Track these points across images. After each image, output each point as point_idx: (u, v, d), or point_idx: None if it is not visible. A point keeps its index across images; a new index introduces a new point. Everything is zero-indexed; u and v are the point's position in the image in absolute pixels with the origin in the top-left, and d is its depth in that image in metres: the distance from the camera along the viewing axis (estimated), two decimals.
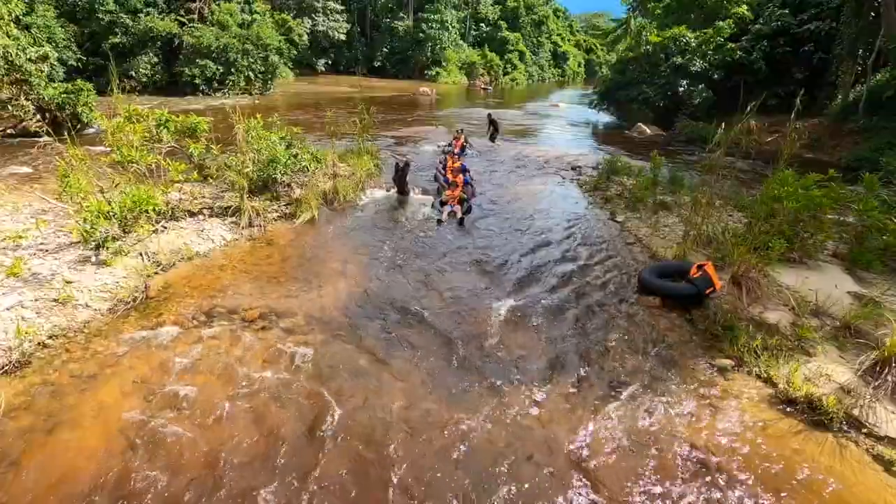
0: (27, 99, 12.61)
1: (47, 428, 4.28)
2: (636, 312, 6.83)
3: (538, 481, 4.08)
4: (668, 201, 10.94)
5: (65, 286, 5.88)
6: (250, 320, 6.10)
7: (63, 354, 5.20)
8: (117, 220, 6.70)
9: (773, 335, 5.66)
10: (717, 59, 24.29)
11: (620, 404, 4.97)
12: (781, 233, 7.10)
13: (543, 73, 71.24)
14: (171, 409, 4.57)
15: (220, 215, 8.52)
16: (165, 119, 8.57)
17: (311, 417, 4.61)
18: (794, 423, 4.70)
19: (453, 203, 10.33)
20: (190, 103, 22.46)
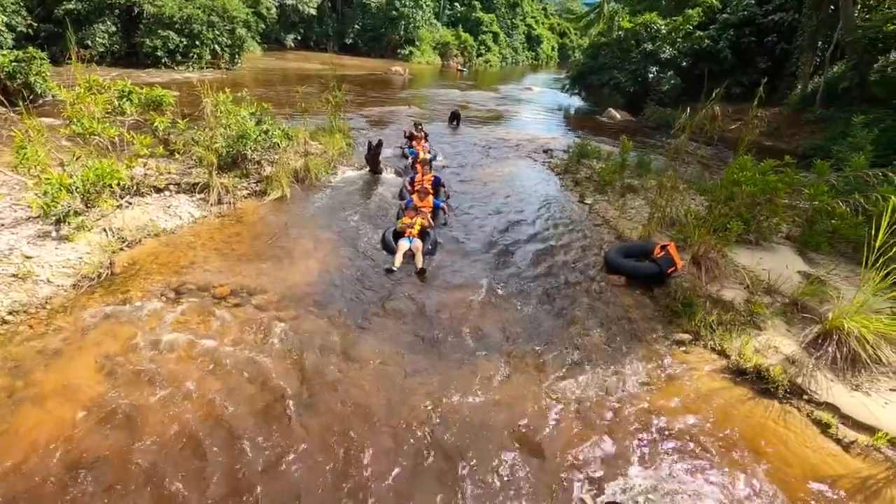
0: None
1: (10, 403, 4.21)
2: (602, 290, 7.08)
3: (503, 444, 4.28)
4: (635, 185, 11.23)
5: (24, 261, 5.70)
6: (221, 297, 6.05)
7: (25, 331, 5.08)
8: (79, 194, 6.48)
9: (727, 311, 6.01)
10: (686, 46, 24.75)
11: (583, 373, 5.21)
12: (739, 215, 7.43)
13: (517, 55, 70.98)
14: (138, 386, 4.53)
15: (187, 192, 8.32)
16: (129, 90, 8.24)
17: (283, 393, 4.64)
18: (744, 392, 5.04)
19: (411, 235, 7.69)
20: (151, 76, 21.52)
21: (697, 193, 10.31)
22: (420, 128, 13.96)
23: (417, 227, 7.79)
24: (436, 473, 3.99)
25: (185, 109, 9.30)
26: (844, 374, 5.01)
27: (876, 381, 4.96)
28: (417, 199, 8.71)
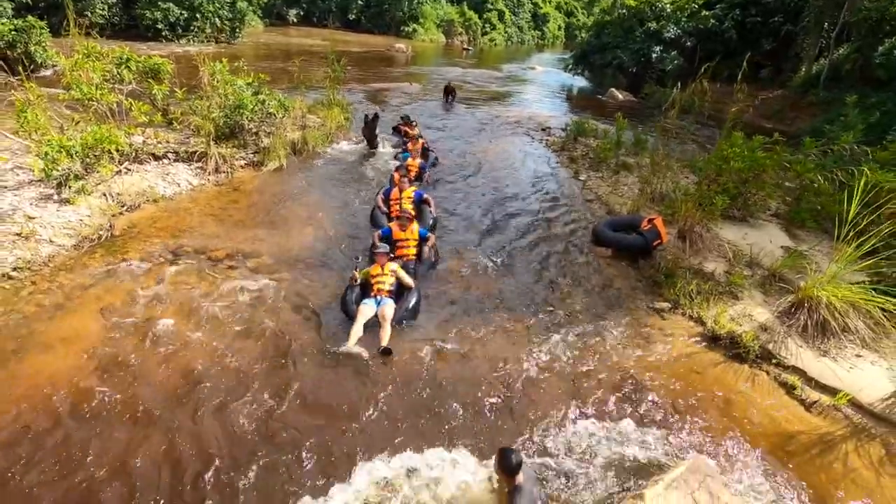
0: None
1: (15, 352, 4.44)
2: (589, 261, 7.27)
3: (490, 397, 4.52)
4: (629, 162, 11.32)
5: (27, 221, 5.90)
6: (217, 259, 6.27)
7: (29, 286, 5.31)
8: (79, 158, 6.65)
9: (707, 282, 6.21)
10: (691, 26, 24.47)
11: (566, 336, 5.44)
12: (726, 191, 7.57)
13: (523, 34, 69.90)
14: (137, 338, 4.77)
15: (185, 160, 8.48)
16: (126, 58, 8.34)
17: (277, 348, 4.87)
18: (716, 356, 5.28)
19: (380, 295, 5.44)
20: (151, 49, 21.37)
21: (690, 172, 10.42)
22: (413, 122, 12.09)
23: (390, 282, 5.56)
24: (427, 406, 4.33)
25: (185, 80, 9.38)
26: (814, 340, 5.23)
27: (843, 347, 5.18)
28: (397, 229, 6.50)
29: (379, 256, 5.70)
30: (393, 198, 7.75)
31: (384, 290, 5.49)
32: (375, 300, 5.39)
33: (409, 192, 7.77)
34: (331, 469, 3.66)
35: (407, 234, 6.49)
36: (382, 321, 5.15)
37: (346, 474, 3.59)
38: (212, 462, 3.63)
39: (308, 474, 3.61)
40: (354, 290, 5.59)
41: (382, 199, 7.87)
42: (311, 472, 3.63)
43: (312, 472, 3.63)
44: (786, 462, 4.11)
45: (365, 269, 5.72)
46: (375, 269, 5.66)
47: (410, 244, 6.48)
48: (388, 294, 5.48)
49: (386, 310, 5.21)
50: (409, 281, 5.70)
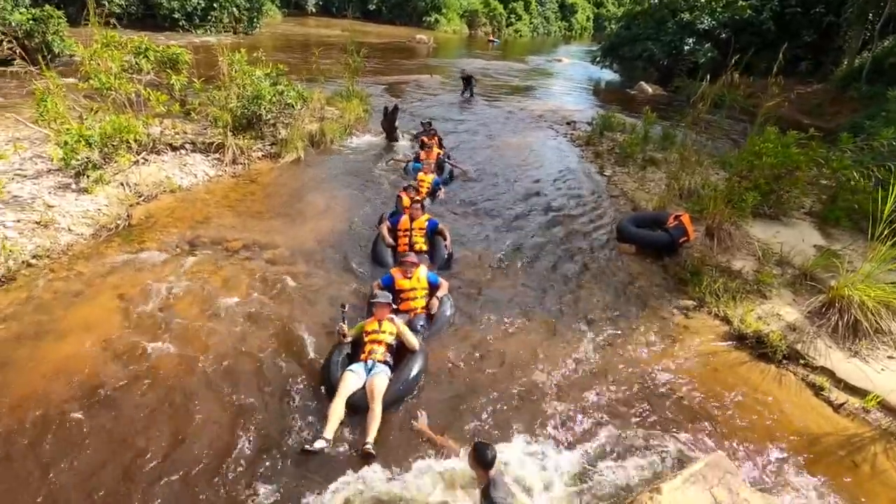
0: None
1: (34, 337, 4.49)
2: (612, 258, 7.06)
3: (514, 392, 4.42)
4: (657, 158, 10.99)
5: (46, 210, 5.97)
6: (234, 250, 6.26)
7: (48, 273, 5.36)
8: (97, 148, 6.70)
9: (734, 280, 5.95)
10: (727, 17, 23.62)
11: (588, 333, 5.28)
12: (757, 187, 7.23)
13: (549, 25, 68.85)
14: (151, 326, 4.76)
15: (203, 151, 8.51)
16: (145, 48, 8.39)
17: (290, 340, 4.81)
18: (743, 356, 5.06)
19: (373, 359, 4.28)
20: (169, 39, 21.65)
21: (721, 168, 10.04)
22: (431, 129, 10.87)
23: (386, 343, 4.38)
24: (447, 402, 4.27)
25: (203, 71, 9.42)
26: (844, 341, 4.99)
27: (875, 348, 4.95)
28: (400, 277, 5.26)
29: (378, 308, 4.46)
30: (401, 228, 6.47)
31: (379, 354, 4.29)
32: (366, 366, 4.21)
33: (421, 222, 6.46)
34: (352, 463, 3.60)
35: (413, 282, 5.24)
36: (371, 399, 3.89)
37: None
38: (219, 452, 3.58)
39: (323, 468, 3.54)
40: (343, 350, 4.39)
41: (388, 230, 6.53)
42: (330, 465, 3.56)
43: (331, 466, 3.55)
44: (812, 462, 3.94)
45: (360, 323, 4.59)
46: (371, 323, 4.46)
47: (418, 294, 5.24)
48: (384, 359, 4.29)
49: (377, 382, 3.99)
50: (413, 342, 4.44)
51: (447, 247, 6.41)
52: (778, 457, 3.94)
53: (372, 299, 4.63)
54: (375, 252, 6.37)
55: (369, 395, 3.92)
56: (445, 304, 5.31)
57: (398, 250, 6.32)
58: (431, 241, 6.50)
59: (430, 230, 6.52)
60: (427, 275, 5.36)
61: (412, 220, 6.48)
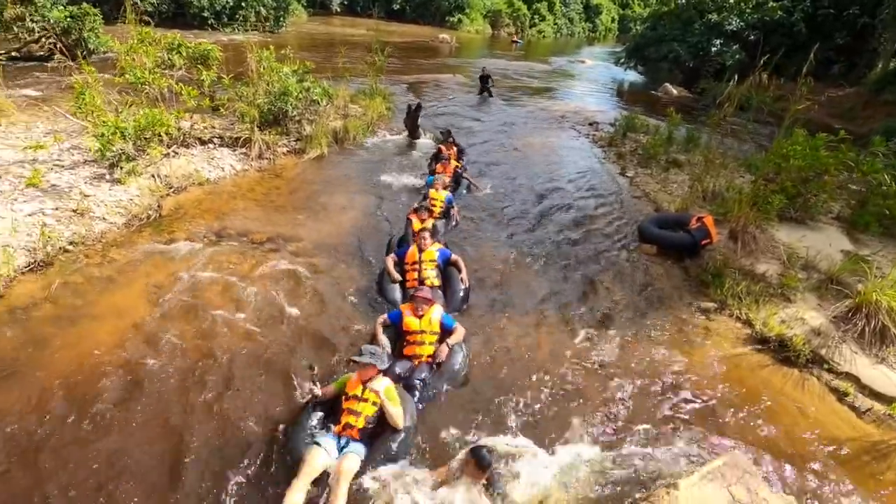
0: (32, 21, 12.23)
1: (70, 319, 4.68)
2: (633, 259, 7.02)
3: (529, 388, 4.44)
4: (681, 160, 10.87)
5: (82, 199, 6.20)
6: (258, 242, 6.41)
7: (83, 259, 5.58)
8: (131, 140, 6.94)
9: (757, 283, 5.88)
10: (756, 18, 23.16)
11: (606, 333, 5.28)
12: (784, 190, 7.12)
13: (573, 26, 68.27)
14: (179, 313, 4.92)
15: (230, 146, 8.72)
16: (178, 44, 8.65)
17: (309, 334, 4.91)
18: (765, 359, 5.01)
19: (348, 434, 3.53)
20: (198, 37, 22.15)
21: (746, 171, 9.89)
22: (450, 138, 10.05)
23: (369, 414, 3.57)
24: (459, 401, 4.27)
25: (230, 68, 9.63)
26: (871, 347, 4.90)
27: None
28: (410, 316, 4.55)
29: (361, 370, 3.64)
30: (409, 261, 5.63)
31: (355, 428, 3.50)
32: (338, 441, 3.46)
33: (431, 253, 5.64)
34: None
35: (423, 324, 4.49)
36: (335, 484, 3.17)
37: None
38: (233, 439, 3.70)
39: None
40: (315, 413, 3.68)
41: (394, 263, 5.73)
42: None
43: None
44: (834, 467, 3.89)
45: (343, 377, 3.83)
46: (354, 385, 3.65)
47: (426, 339, 4.47)
48: (361, 433, 3.51)
49: (346, 465, 3.25)
50: (397, 420, 3.54)
51: (463, 281, 5.56)
52: (798, 460, 3.89)
53: (355, 357, 3.66)
54: (381, 288, 5.60)
55: (334, 479, 3.23)
56: (457, 356, 4.44)
57: (406, 286, 5.53)
58: (445, 275, 5.65)
59: (443, 261, 5.67)
60: (441, 317, 4.57)
61: (420, 250, 5.61)
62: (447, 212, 7.29)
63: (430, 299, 4.62)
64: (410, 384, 4.08)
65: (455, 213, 7.39)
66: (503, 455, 3.52)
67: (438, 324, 4.52)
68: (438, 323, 4.52)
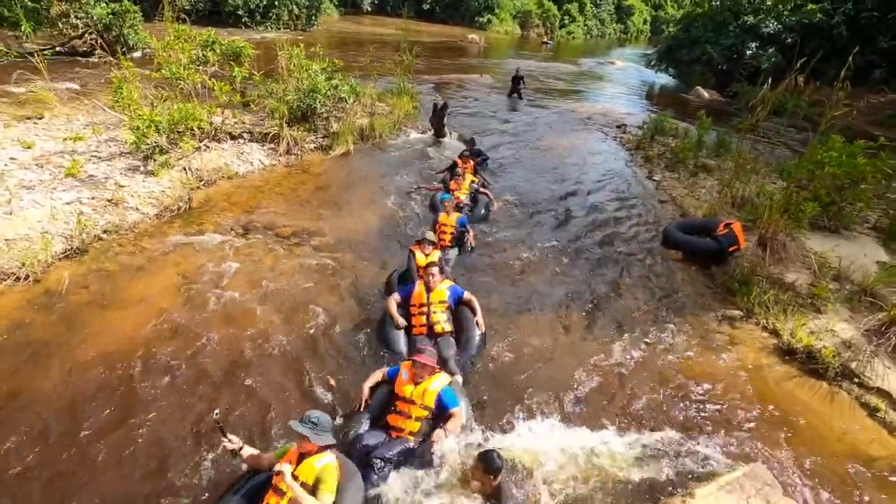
0: (76, 17, 12.71)
1: (102, 304, 4.88)
2: (656, 263, 6.92)
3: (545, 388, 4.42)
4: (710, 164, 10.64)
5: (117, 189, 6.42)
6: (284, 236, 6.55)
7: (116, 248, 5.79)
8: (164, 133, 7.15)
9: (786, 292, 5.71)
10: (794, 20, 22.47)
11: (626, 337, 5.21)
12: (817, 198, 6.91)
13: (604, 27, 67.33)
14: (205, 302, 5.07)
15: (259, 141, 8.91)
16: (212, 41, 8.88)
17: (328, 326, 5.00)
18: (791, 371, 4.86)
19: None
20: (232, 34, 22.68)
21: (778, 177, 9.63)
22: (475, 148, 9.51)
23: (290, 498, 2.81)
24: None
25: (262, 65, 9.83)
26: None
27: None
28: (407, 381, 3.78)
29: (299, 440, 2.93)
30: (416, 302, 4.81)
31: None
32: None
33: (441, 293, 4.82)
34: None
35: (416, 393, 3.67)
36: None
37: None
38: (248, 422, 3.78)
39: None
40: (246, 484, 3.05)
41: (397, 304, 4.87)
42: None
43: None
44: (862, 484, 3.75)
45: (284, 447, 3.10)
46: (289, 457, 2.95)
47: (414, 413, 3.64)
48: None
49: None
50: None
51: (479, 325, 4.76)
52: (824, 476, 3.77)
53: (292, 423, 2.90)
54: (383, 335, 4.76)
55: None
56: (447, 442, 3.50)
57: (413, 332, 4.75)
58: (457, 316, 4.88)
59: (454, 301, 4.88)
60: (441, 391, 3.68)
61: (428, 290, 4.81)
62: (460, 237, 6.50)
63: (432, 366, 3.75)
64: (370, 462, 3.30)
65: (470, 238, 6.55)
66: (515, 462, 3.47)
67: (434, 398, 3.65)
68: (435, 397, 3.66)
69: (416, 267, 5.39)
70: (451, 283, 5.01)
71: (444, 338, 4.58)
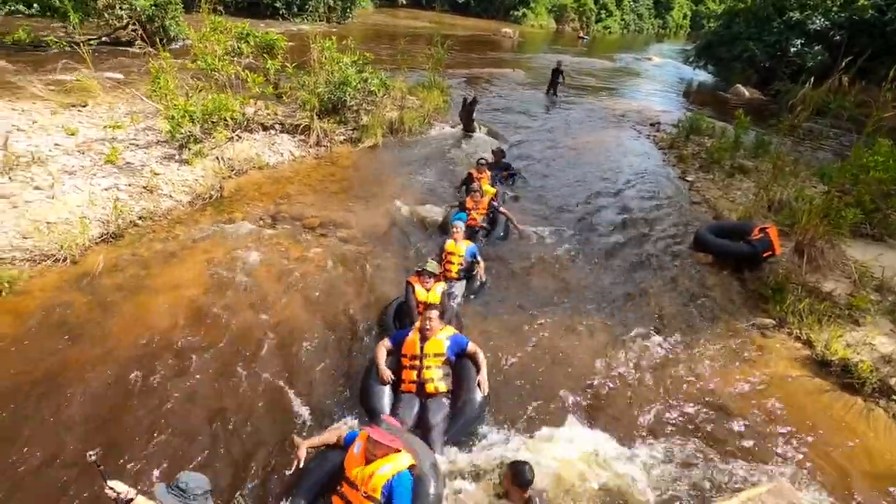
0: (121, 9, 13.12)
1: (134, 288, 5.04)
2: (685, 266, 6.76)
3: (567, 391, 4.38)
4: (747, 166, 10.29)
5: (153, 177, 6.62)
6: (311, 227, 6.65)
7: (150, 234, 5.98)
8: (198, 123, 7.33)
9: (822, 302, 5.48)
10: (843, 17, 21.45)
11: (649, 342, 5.10)
12: (860, 204, 6.61)
13: (642, 22, 65.61)
14: (233, 289, 5.19)
15: (290, 132, 9.05)
16: (246, 33, 9.04)
17: (350, 316, 5.07)
18: (824, 384, 4.67)
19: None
20: (269, 26, 22.98)
21: (819, 180, 9.24)
22: (484, 161, 7.82)
23: None
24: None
25: (295, 57, 9.95)
26: None
27: None
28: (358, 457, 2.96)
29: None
30: (407, 352, 4.02)
31: None
32: None
33: (439, 344, 4.00)
34: None
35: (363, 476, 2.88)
36: None
37: None
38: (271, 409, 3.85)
39: None
40: None
41: (387, 352, 4.08)
42: None
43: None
44: None
45: None
46: None
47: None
48: None
49: None
50: None
51: (480, 386, 3.90)
52: (855, 496, 3.61)
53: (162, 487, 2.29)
54: (365, 387, 3.95)
55: None
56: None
57: (401, 388, 3.94)
58: (456, 370, 4.04)
59: (454, 353, 4.03)
60: (393, 480, 2.84)
61: (423, 338, 4.01)
62: (469, 268, 5.62)
63: (388, 446, 2.89)
64: None
65: (480, 270, 5.60)
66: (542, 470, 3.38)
67: (382, 487, 2.83)
68: (383, 485, 2.83)
69: (416, 302, 4.69)
70: (454, 331, 4.16)
71: (436, 399, 3.82)
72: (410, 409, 3.74)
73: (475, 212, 6.72)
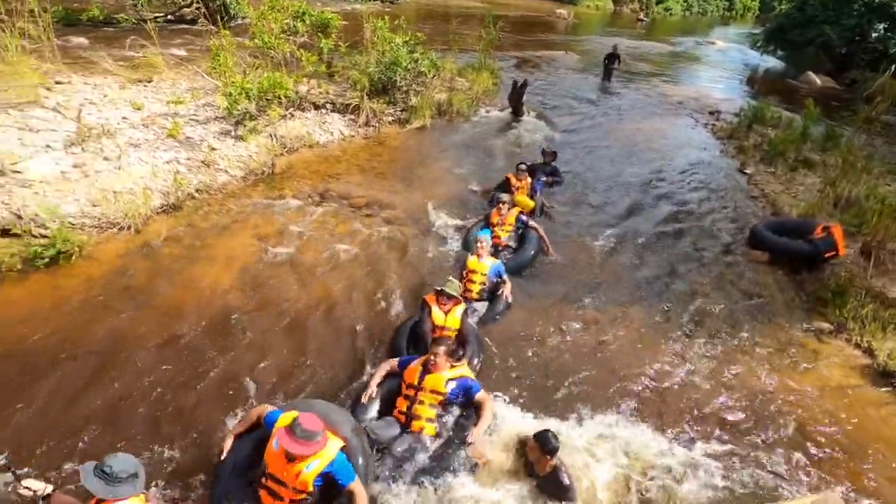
0: None
1: (190, 258, 5.32)
2: (740, 264, 6.53)
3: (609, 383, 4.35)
4: (813, 159, 9.68)
5: (210, 152, 6.89)
6: (357, 206, 6.78)
7: (205, 206, 6.25)
8: (254, 101, 7.55)
9: (888, 308, 5.16)
10: None
11: (698, 341, 4.96)
12: None
13: (705, 4, 61.96)
14: (281, 262, 5.43)
15: (340, 111, 9.18)
16: (302, 11, 9.17)
17: (397, 290, 5.20)
18: (884, 396, 4.44)
19: None
20: (325, 5, 23.26)
21: (894, 179, 8.60)
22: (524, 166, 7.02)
23: None
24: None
25: (349, 36, 10.03)
26: None
27: None
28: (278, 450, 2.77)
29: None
30: (407, 380, 3.65)
31: None
32: None
33: (439, 381, 3.56)
34: None
35: (291, 473, 2.74)
36: None
37: None
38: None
39: None
40: None
41: (389, 372, 3.81)
42: None
43: None
44: None
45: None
46: None
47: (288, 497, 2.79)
48: None
49: None
50: None
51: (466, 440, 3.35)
52: None
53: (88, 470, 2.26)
54: (356, 401, 3.68)
55: None
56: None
57: (393, 414, 3.62)
58: (459, 421, 3.61)
59: (457, 396, 3.61)
60: (333, 464, 2.76)
61: (426, 371, 3.59)
62: (494, 288, 5.09)
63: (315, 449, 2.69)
64: None
65: (507, 290, 5.04)
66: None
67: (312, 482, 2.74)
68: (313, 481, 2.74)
69: (432, 325, 4.26)
70: (467, 374, 3.67)
71: (418, 437, 3.42)
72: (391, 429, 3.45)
73: (499, 228, 5.92)
